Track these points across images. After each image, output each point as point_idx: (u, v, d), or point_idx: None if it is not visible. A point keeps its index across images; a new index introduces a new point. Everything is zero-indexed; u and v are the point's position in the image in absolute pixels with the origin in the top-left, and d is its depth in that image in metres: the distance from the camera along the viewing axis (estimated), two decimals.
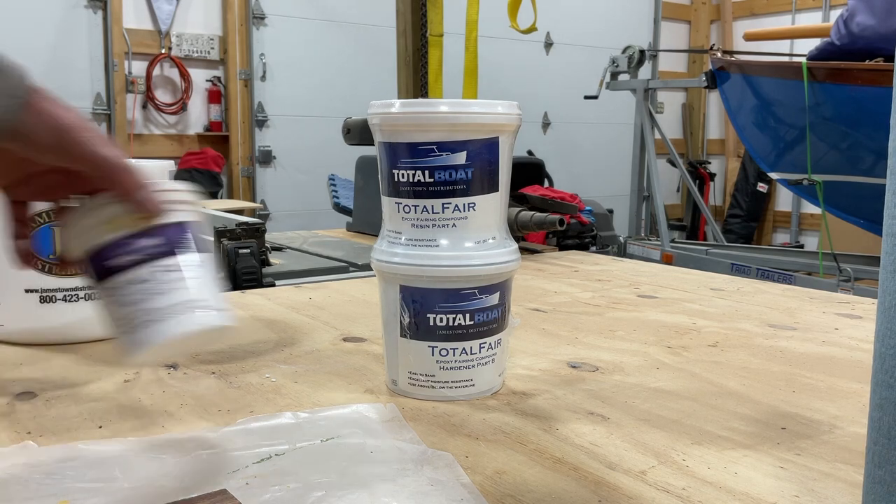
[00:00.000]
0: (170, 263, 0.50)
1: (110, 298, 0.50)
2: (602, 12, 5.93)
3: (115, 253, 0.50)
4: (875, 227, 3.27)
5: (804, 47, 3.77)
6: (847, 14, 3.09)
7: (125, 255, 0.50)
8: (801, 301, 1.10)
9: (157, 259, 0.50)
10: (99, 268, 0.50)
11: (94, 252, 0.50)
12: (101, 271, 0.50)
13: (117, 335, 0.51)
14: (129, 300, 0.49)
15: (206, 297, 0.51)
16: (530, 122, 5.62)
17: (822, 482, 0.52)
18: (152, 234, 0.50)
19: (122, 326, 0.50)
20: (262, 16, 4.68)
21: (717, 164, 6.61)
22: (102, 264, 0.50)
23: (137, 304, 0.49)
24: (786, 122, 3.47)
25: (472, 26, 1.86)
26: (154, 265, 0.50)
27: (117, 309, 0.50)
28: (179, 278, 0.50)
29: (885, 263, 0.36)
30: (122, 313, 0.50)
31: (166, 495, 0.48)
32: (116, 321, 0.51)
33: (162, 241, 0.50)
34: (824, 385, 0.72)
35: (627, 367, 0.77)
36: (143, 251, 0.50)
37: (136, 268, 0.50)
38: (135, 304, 0.49)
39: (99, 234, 0.50)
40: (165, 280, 0.50)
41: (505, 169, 0.66)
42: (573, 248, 1.63)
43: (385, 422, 0.61)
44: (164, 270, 0.50)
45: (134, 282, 0.49)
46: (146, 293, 0.49)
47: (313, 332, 0.90)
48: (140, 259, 0.50)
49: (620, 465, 0.54)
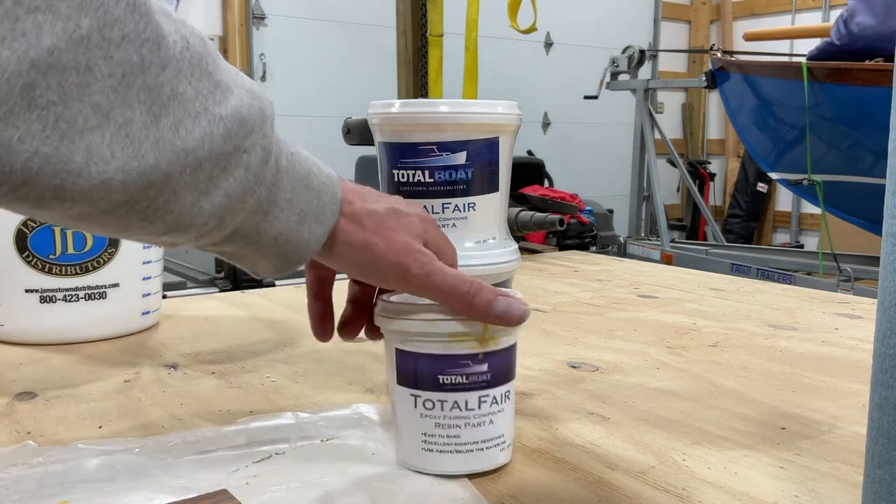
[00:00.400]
0: (491, 394, 0.51)
1: (423, 408, 0.51)
2: (602, 12, 5.93)
3: (448, 370, 0.50)
4: (875, 227, 3.27)
5: (804, 47, 3.77)
6: (847, 14, 3.09)
7: (457, 374, 0.50)
8: (801, 301, 1.10)
9: (482, 388, 0.51)
10: (426, 373, 0.51)
11: (426, 355, 0.50)
12: (427, 378, 0.51)
13: (411, 441, 0.52)
14: (444, 422, 0.51)
15: (506, 431, 0.53)
16: (530, 122, 5.62)
17: (822, 482, 0.52)
18: (484, 360, 0.51)
19: (419, 438, 0.51)
20: (262, 16, 4.68)
21: (717, 164, 6.61)
22: (435, 376, 0.50)
23: (449, 429, 0.51)
24: (786, 122, 3.47)
25: (472, 26, 1.86)
26: (479, 393, 0.51)
27: (424, 421, 0.51)
28: (494, 411, 0.51)
29: (885, 263, 0.36)
30: (427, 428, 0.51)
31: (166, 495, 0.48)
32: (414, 430, 0.52)
33: (489, 368, 0.51)
34: (824, 385, 0.72)
35: (627, 367, 0.77)
36: (474, 376, 0.50)
37: (462, 392, 0.50)
38: (445, 426, 0.51)
39: (438, 345, 0.50)
40: (482, 413, 0.51)
41: (505, 169, 0.66)
42: (573, 248, 1.63)
43: (385, 422, 0.61)
44: (484, 401, 0.51)
45: (457, 405, 0.50)
46: (461, 420, 0.51)
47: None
48: (469, 385, 0.50)
49: (620, 465, 0.54)
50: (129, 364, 0.77)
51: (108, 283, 0.85)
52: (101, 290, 0.84)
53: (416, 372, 0.51)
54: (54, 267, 0.82)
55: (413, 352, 0.51)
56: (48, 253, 0.81)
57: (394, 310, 0.51)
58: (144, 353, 0.82)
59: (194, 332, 0.90)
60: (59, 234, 0.81)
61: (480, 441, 0.51)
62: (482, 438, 0.51)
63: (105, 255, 0.84)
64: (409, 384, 0.51)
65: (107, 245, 0.84)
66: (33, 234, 0.81)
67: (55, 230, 0.81)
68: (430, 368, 0.50)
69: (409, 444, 0.52)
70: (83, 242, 0.83)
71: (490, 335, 0.50)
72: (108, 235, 0.58)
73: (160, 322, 0.94)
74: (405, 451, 0.53)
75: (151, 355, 0.81)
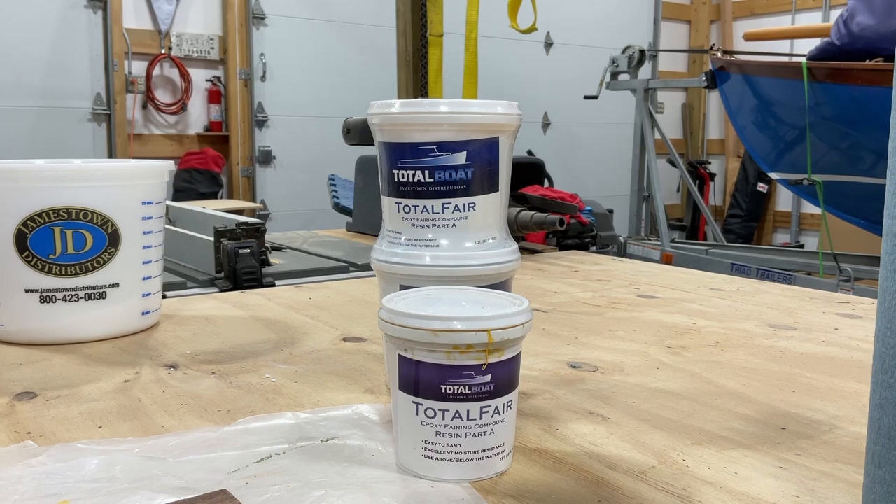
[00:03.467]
0: (493, 405, 0.51)
1: (425, 416, 0.51)
2: (602, 12, 5.93)
3: (451, 380, 0.50)
4: (875, 227, 3.27)
5: (804, 47, 3.77)
6: (847, 14, 3.09)
7: (459, 385, 0.50)
8: (801, 301, 1.10)
9: (484, 399, 0.51)
10: (429, 383, 0.51)
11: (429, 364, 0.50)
12: (429, 387, 0.51)
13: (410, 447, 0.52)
14: (445, 430, 0.51)
15: (507, 440, 0.53)
16: (530, 122, 5.62)
17: (822, 482, 0.52)
18: (487, 371, 0.50)
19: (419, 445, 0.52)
20: (262, 16, 4.68)
21: (717, 164, 6.61)
22: (437, 385, 0.50)
23: (450, 438, 0.51)
24: (786, 122, 3.47)
25: (472, 26, 1.86)
26: (481, 404, 0.51)
27: (425, 429, 0.51)
28: (495, 421, 0.51)
29: (885, 263, 0.36)
30: (427, 436, 0.51)
31: (166, 495, 0.48)
32: (414, 437, 0.52)
33: (493, 379, 0.51)
34: (824, 385, 0.72)
35: (627, 367, 0.77)
36: (477, 387, 0.50)
37: (464, 403, 0.50)
38: (446, 435, 0.51)
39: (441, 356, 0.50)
40: (483, 423, 0.51)
41: (505, 169, 0.66)
42: (573, 248, 1.63)
43: (385, 422, 0.61)
44: (486, 411, 0.51)
45: (459, 415, 0.51)
46: (462, 429, 0.51)
47: (313, 332, 0.90)
48: (471, 395, 0.51)
49: (620, 465, 0.54)
50: (129, 364, 0.77)
51: (108, 283, 0.85)
52: (101, 290, 0.84)
53: (418, 380, 0.51)
54: (54, 267, 0.82)
55: (416, 360, 0.50)
56: (48, 253, 0.81)
57: (397, 316, 0.51)
58: (144, 353, 0.82)
59: (194, 332, 0.90)
60: (58, 234, 0.81)
61: (481, 450, 0.51)
62: (482, 448, 0.51)
63: (105, 255, 0.84)
64: (411, 391, 0.51)
65: (107, 245, 0.84)
66: (33, 234, 0.81)
67: (55, 230, 0.81)
68: (432, 378, 0.50)
69: (408, 450, 0.52)
70: (83, 242, 0.83)
71: (494, 347, 0.50)
72: None
73: (160, 322, 0.94)
74: (404, 457, 0.52)
75: (151, 355, 0.81)
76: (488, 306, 0.53)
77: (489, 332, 0.49)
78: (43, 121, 4.17)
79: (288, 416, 0.61)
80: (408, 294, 0.57)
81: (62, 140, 4.20)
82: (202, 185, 4.55)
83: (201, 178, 4.55)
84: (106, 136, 4.37)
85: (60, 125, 4.22)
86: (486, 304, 0.54)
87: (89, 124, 4.32)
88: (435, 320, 0.49)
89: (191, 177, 4.51)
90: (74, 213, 0.81)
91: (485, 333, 0.49)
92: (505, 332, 0.50)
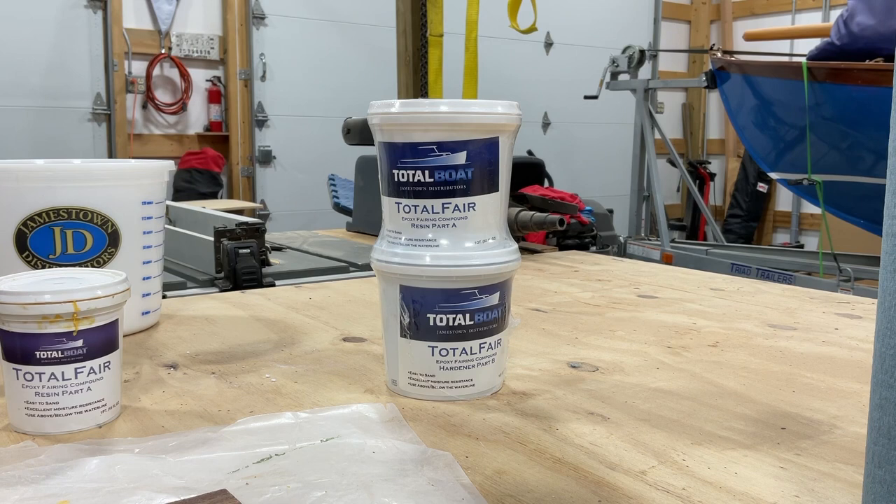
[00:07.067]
0: (88, 365, 0.60)
1: (24, 380, 0.59)
2: (602, 12, 5.93)
3: (44, 347, 0.58)
4: (875, 227, 3.27)
5: (804, 47, 3.77)
6: (847, 14, 3.09)
7: (52, 350, 0.58)
8: (801, 301, 1.10)
9: (78, 361, 0.59)
10: (25, 350, 0.58)
11: (23, 334, 0.58)
12: (25, 354, 0.58)
13: (16, 408, 0.60)
14: (43, 391, 0.59)
15: (107, 395, 0.61)
16: (530, 122, 5.62)
17: (822, 482, 0.52)
18: (78, 336, 0.59)
19: (22, 406, 0.59)
20: (262, 16, 4.68)
21: (717, 164, 6.61)
22: (32, 352, 0.58)
23: (47, 397, 0.59)
24: (786, 122, 3.47)
25: (472, 26, 1.86)
26: (75, 365, 0.59)
27: (25, 391, 0.59)
28: (92, 380, 0.60)
29: (885, 263, 0.36)
30: (28, 396, 0.59)
31: (166, 495, 0.48)
32: (18, 399, 0.59)
33: (85, 343, 0.59)
34: (824, 385, 0.72)
35: (627, 367, 0.77)
36: (69, 351, 0.59)
37: (58, 365, 0.58)
38: (44, 395, 0.59)
39: (32, 325, 0.58)
40: (79, 382, 0.59)
41: (505, 169, 0.66)
42: (573, 248, 1.63)
43: (385, 422, 0.61)
44: (80, 372, 0.59)
45: (54, 376, 0.59)
46: (59, 388, 0.59)
47: (313, 332, 0.90)
48: (64, 358, 0.59)
49: (620, 465, 0.54)
50: (129, 364, 0.77)
51: None
52: None
53: (14, 348, 0.58)
54: (54, 267, 0.82)
55: (12, 331, 0.58)
56: (48, 253, 0.81)
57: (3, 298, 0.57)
58: (144, 353, 0.82)
59: (194, 332, 0.90)
60: (58, 234, 0.81)
61: (79, 405, 0.59)
62: (80, 403, 0.59)
63: (105, 255, 0.84)
64: (11, 359, 0.59)
65: (107, 245, 0.84)
66: (33, 234, 0.81)
67: (55, 230, 0.81)
68: (27, 345, 0.58)
69: (14, 412, 0.60)
70: (83, 242, 0.83)
71: (83, 315, 0.58)
72: None
73: (160, 322, 0.94)
74: (13, 418, 0.60)
75: (151, 355, 0.81)
76: (83, 282, 0.61)
77: (75, 303, 0.58)
78: (43, 121, 4.17)
79: (288, 415, 0.61)
80: (20, 276, 0.65)
81: (62, 140, 4.21)
82: (202, 185, 4.55)
83: (201, 178, 4.55)
84: (106, 136, 4.37)
85: (60, 125, 4.22)
86: (83, 280, 0.62)
87: (89, 124, 4.32)
88: (26, 295, 0.57)
89: (191, 177, 4.51)
90: (74, 213, 0.81)
91: (70, 304, 0.57)
92: (92, 303, 0.58)
